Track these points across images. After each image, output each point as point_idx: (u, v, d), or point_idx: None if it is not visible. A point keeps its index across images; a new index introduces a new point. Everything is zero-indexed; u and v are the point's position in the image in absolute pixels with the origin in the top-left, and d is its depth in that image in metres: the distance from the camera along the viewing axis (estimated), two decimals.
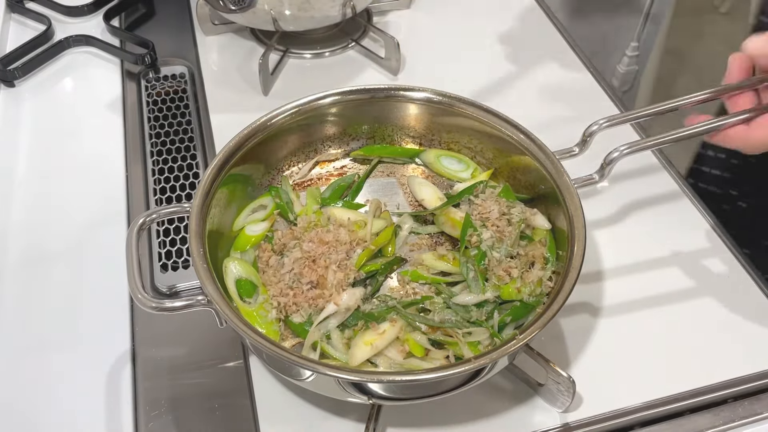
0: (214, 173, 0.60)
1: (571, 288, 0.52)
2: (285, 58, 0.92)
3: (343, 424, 0.57)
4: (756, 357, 0.61)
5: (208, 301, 0.53)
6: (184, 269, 0.68)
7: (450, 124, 0.69)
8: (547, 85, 0.89)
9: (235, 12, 0.86)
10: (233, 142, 0.62)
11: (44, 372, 0.60)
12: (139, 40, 0.92)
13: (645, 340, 0.63)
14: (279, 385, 0.59)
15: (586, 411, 0.58)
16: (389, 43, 0.88)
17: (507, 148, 0.66)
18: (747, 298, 0.66)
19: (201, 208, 0.58)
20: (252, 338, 0.50)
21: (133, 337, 0.63)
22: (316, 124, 0.69)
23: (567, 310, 0.52)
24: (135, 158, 0.79)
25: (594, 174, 0.63)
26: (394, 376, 0.50)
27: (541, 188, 0.63)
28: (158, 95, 0.87)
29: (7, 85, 0.87)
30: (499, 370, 0.55)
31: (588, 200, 0.72)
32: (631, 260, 0.69)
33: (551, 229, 0.62)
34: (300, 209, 0.66)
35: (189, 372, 0.61)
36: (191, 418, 0.58)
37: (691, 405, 0.59)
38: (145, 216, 0.57)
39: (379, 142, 0.72)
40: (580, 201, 0.58)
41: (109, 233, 0.70)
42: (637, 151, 0.61)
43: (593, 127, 0.62)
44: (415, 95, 0.68)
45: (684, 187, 0.76)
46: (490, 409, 0.58)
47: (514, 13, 1.01)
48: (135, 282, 0.53)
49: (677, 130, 0.60)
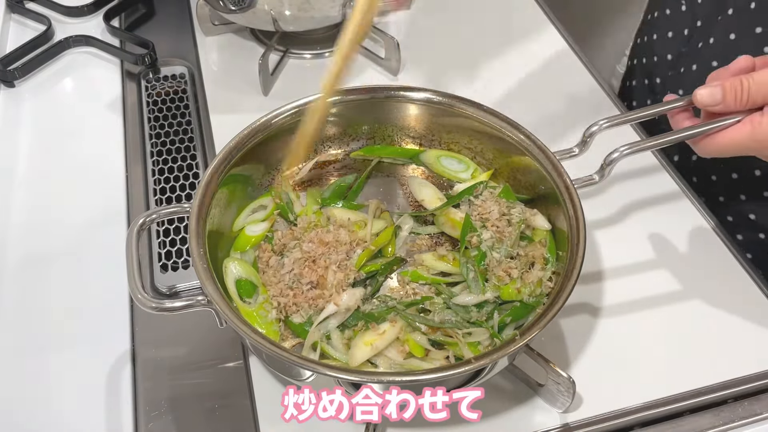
0: (214, 173, 0.60)
1: (571, 289, 0.52)
2: (285, 59, 0.92)
3: (342, 423, 0.57)
4: (756, 357, 0.61)
5: (208, 301, 0.53)
6: (184, 269, 0.68)
7: (450, 125, 0.69)
8: (546, 85, 0.89)
9: (235, 12, 0.86)
10: (233, 142, 0.62)
11: (44, 372, 0.60)
12: (139, 41, 0.92)
13: (645, 340, 0.63)
14: (279, 385, 0.59)
15: (586, 411, 0.58)
16: (389, 43, 0.88)
17: (507, 149, 0.66)
18: (747, 298, 0.66)
19: (201, 208, 0.58)
20: (252, 338, 0.50)
21: (133, 338, 0.63)
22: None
23: (567, 311, 0.52)
24: (135, 158, 0.79)
25: (594, 174, 0.63)
26: (394, 377, 0.50)
27: (541, 189, 0.63)
28: (158, 95, 0.87)
29: (7, 85, 0.87)
30: (499, 371, 0.55)
31: (588, 200, 0.72)
32: (630, 260, 0.69)
33: (551, 229, 0.62)
34: (300, 209, 0.66)
35: (189, 372, 0.61)
36: (191, 418, 0.58)
37: (691, 405, 0.59)
38: (145, 216, 0.57)
39: (379, 143, 0.72)
40: (580, 201, 0.58)
41: (109, 233, 0.70)
42: (637, 151, 0.61)
43: (593, 127, 0.62)
44: (415, 95, 0.68)
45: (684, 187, 0.76)
46: (490, 409, 0.58)
47: (514, 13, 1.01)
48: (135, 282, 0.53)
49: (677, 131, 0.60)
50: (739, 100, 0.56)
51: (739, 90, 0.56)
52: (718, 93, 0.57)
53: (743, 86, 0.56)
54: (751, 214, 0.78)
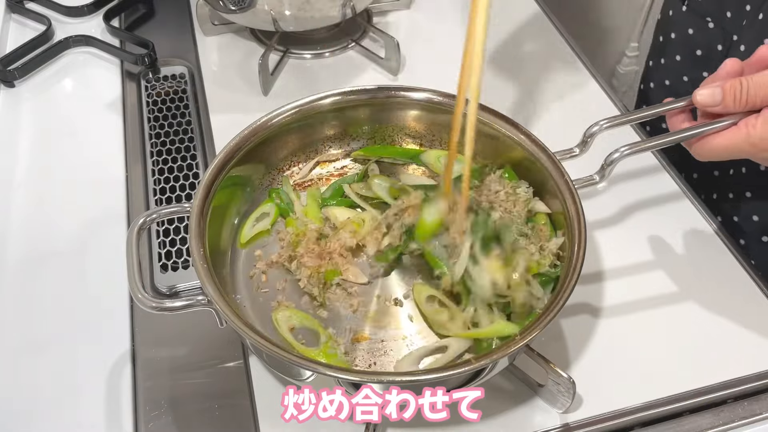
0: (215, 173, 0.60)
1: (572, 289, 0.52)
2: (285, 59, 0.92)
3: (343, 423, 0.57)
4: (756, 357, 0.61)
5: (208, 301, 0.53)
6: (184, 269, 0.68)
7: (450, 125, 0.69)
8: (546, 85, 0.89)
9: (235, 12, 0.86)
10: (234, 141, 0.62)
11: (44, 372, 0.60)
12: (139, 41, 0.92)
13: (645, 341, 0.63)
14: (279, 385, 0.59)
15: (586, 411, 0.58)
16: (389, 43, 0.88)
17: (507, 148, 0.66)
18: (747, 298, 0.66)
19: (201, 208, 0.58)
20: (252, 338, 0.50)
21: (133, 338, 0.63)
22: (317, 125, 0.69)
23: (567, 311, 0.52)
24: (135, 158, 0.79)
25: (594, 175, 0.63)
26: (394, 377, 0.50)
27: (541, 188, 0.63)
28: (158, 95, 0.87)
29: (7, 85, 0.87)
30: (499, 371, 0.55)
31: (588, 201, 0.72)
32: (631, 260, 0.69)
33: (550, 214, 0.62)
34: (300, 209, 0.66)
35: (189, 372, 0.61)
36: (191, 419, 0.58)
37: (691, 405, 0.59)
38: (145, 216, 0.57)
39: (379, 143, 0.72)
40: (580, 202, 0.58)
41: (108, 233, 0.70)
42: (638, 152, 0.61)
43: (594, 128, 0.62)
44: (415, 95, 0.68)
45: (684, 188, 0.76)
46: (490, 409, 0.58)
47: (514, 13, 1.00)
48: (135, 282, 0.53)
49: (677, 131, 0.60)
50: (738, 101, 0.56)
51: (739, 91, 0.56)
52: (718, 93, 0.57)
53: (743, 87, 0.56)
54: (754, 216, 0.78)
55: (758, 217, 0.77)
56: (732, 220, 0.80)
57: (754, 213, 0.78)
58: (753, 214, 0.78)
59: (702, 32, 0.81)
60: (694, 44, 0.83)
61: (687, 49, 0.84)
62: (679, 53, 0.85)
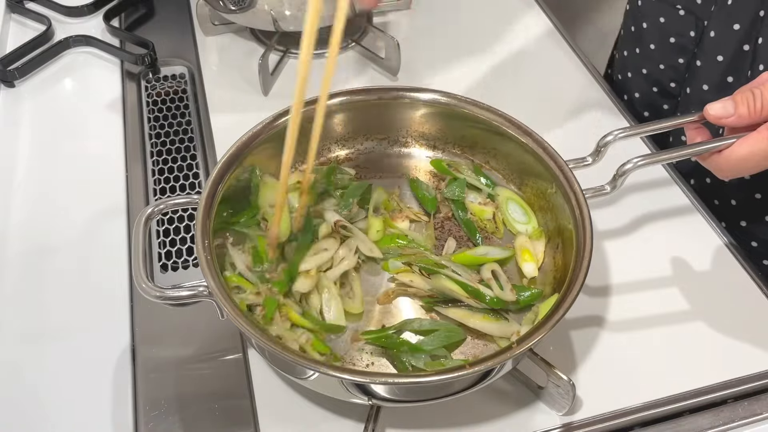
0: (224, 167, 0.60)
1: (577, 292, 0.52)
2: (285, 58, 0.92)
3: (343, 424, 0.57)
4: (756, 357, 0.62)
5: (209, 292, 0.52)
6: (183, 269, 0.68)
7: (460, 128, 0.69)
8: (546, 86, 0.89)
9: (235, 12, 0.86)
10: (246, 136, 0.62)
11: (44, 371, 0.60)
12: (139, 41, 0.92)
13: (645, 341, 0.63)
14: (280, 384, 0.59)
15: (586, 412, 0.58)
16: (389, 43, 0.88)
17: (517, 153, 0.66)
18: (747, 298, 0.66)
19: (209, 200, 0.58)
20: (256, 337, 0.50)
21: (133, 337, 0.63)
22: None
23: (571, 315, 0.52)
24: (135, 158, 0.79)
25: (606, 185, 0.62)
26: (398, 378, 0.50)
27: (550, 195, 0.63)
28: (158, 95, 0.87)
29: (7, 85, 0.87)
30: (501, 375, 0.55)
31: (598, 211, 0.72)
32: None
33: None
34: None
35: (189, 372, 0.61)
36: (191, 418, 0.58)
37: (691, 405, 0.59)
38: (153, 206, 0.57)
39: (388, 144, 0.72)
40: (589, 211, 0.58)
41: (108, 234, 0.70)
42: (651, 163, 0.60)
43: (608, 137, 0.61)
44: (423, 96, 0.68)
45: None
46: (490, 410, 0.58)
47: (515, 13, 1.00)
48: (140, 271, 0.52)
49: (692, 145, 0.59)
50: (752, 110, 0.55)
51: (752, 100, 0.55)
52: (729, 105, 0.56)
53: (755, 96, 0.55)
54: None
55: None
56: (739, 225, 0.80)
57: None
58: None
59: (673, 20, 0.81)
60: (666, 32, 0.83)
61: (660, 37, 0.84)
62: (653, 42, 0.85)
